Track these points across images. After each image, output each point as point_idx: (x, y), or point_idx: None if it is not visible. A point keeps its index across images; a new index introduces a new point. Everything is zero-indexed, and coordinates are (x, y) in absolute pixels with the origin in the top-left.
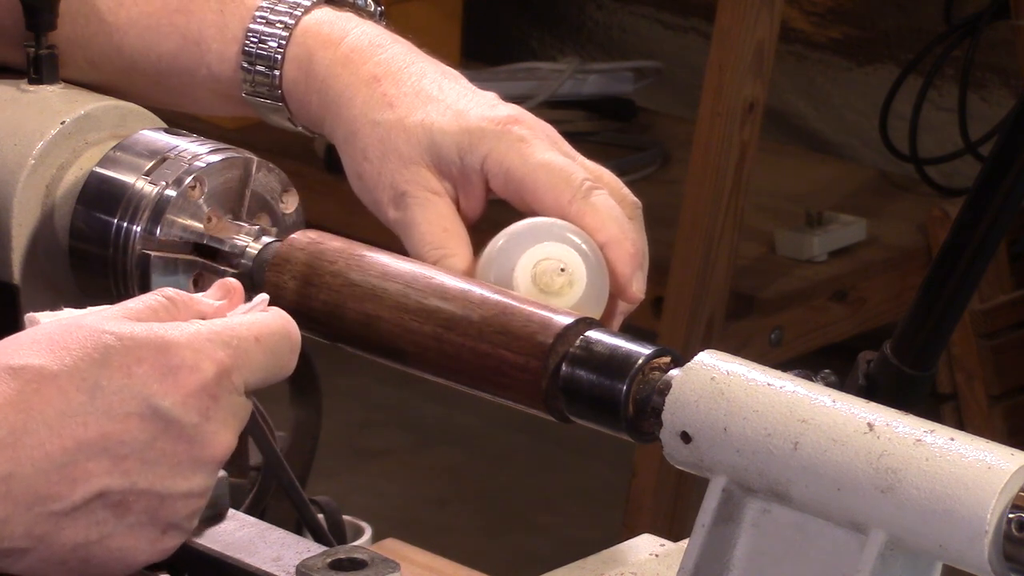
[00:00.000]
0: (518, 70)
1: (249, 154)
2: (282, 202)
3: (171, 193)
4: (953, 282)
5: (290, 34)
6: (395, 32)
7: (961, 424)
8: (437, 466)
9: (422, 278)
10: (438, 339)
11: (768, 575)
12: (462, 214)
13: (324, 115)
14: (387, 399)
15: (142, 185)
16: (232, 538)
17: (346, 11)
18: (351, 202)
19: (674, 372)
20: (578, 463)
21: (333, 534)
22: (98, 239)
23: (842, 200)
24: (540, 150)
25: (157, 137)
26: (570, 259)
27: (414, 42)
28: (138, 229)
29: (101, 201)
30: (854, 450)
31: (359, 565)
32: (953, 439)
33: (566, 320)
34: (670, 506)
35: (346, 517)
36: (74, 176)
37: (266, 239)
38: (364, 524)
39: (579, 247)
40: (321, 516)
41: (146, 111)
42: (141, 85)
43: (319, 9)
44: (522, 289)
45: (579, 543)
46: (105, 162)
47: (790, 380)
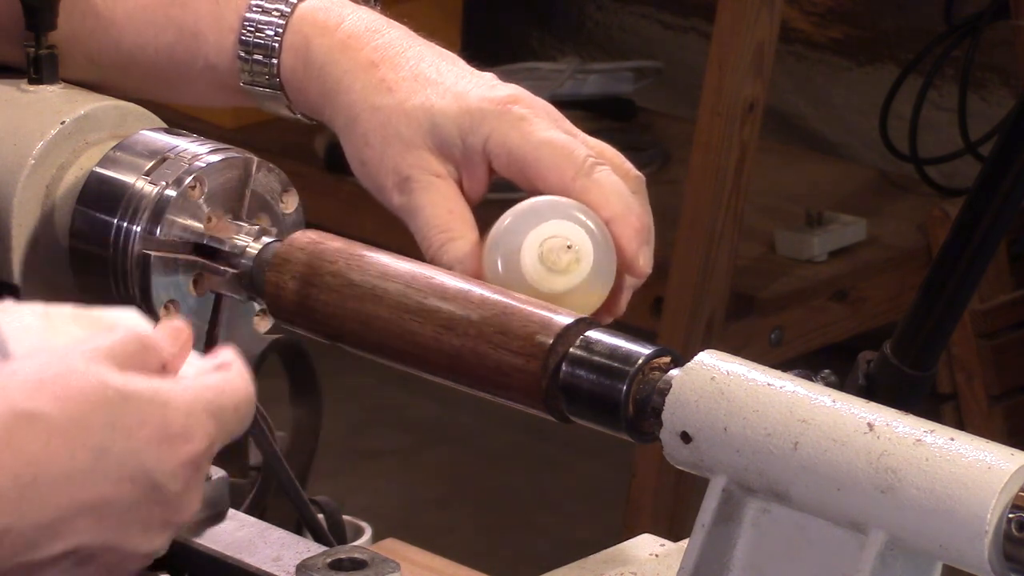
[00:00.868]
0: (518, 70)
1: (249, 154)
2: (282, 202)
3: (171, 193)
4: (953, 282)
5: (286, 22)
6: (393, 20)
7: (961, 424)
8: (437, 466)
9: (422, 278)
10: (438, 339)
11: (768, 575)
12: (466, 195)
13: (323, 102)
14: (387, 399)
15: (142, 185)
16: (232, 538)
17: None
18: (351, 202)
19: (674, 372)
20: (578, 463)
21: (333, 534)
22: (98, 239)
23: (842, 200)
24: (542, 128)
25: (157, 137)
26: (576, 236)
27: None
28: (138, 229)
29: (101, 201)
30: (854, 450)
31: (359, 565)
32: (953, 439)
33: (566, 320)
34: (670, 506)
35: (346, 517)
36: (74, 176)
37: (266, 239)
38: (364, 524)
39: (585, 224)
40: (321, 516)
41: (146, 111)
42: (140, 79)
43: None
44: (529, 267)
45: (579, 543)
46: (105, 162)
47: (790, 380)
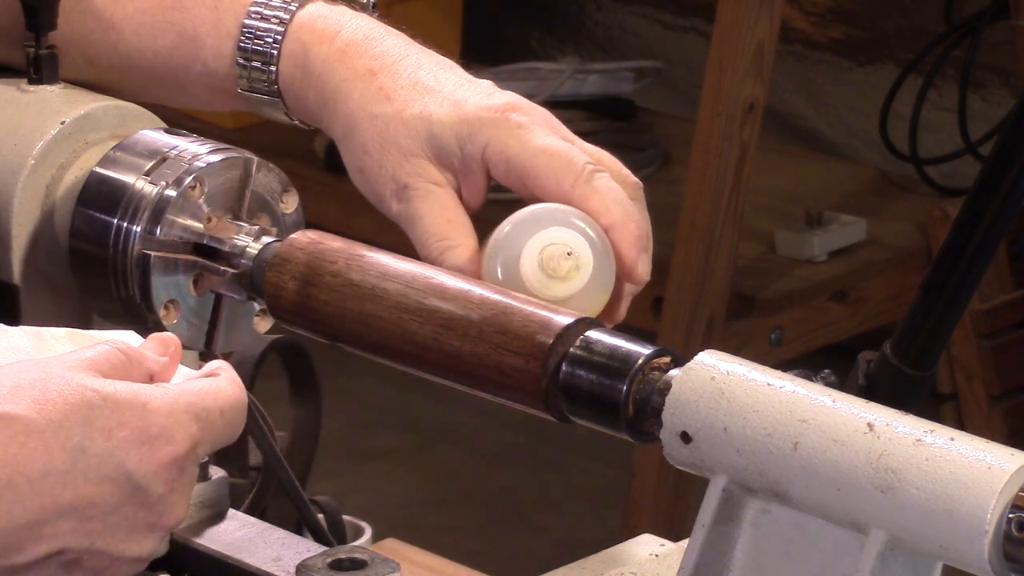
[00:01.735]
0: (518, 70)
1: (249, 154)
2: (282, 202)
3: (171, 193)
4: (953, 282)
5: (285, 29)
6: (391, 27)
7: (961, 424)
8: (437, 466)
9: (422, 278)
10: (438, 339)
11: (768, 575)
12: (464, 204)
13: (321, 110)
14: (387, 399)
15: (142, 185)
16: (232, 538)
17: (339, 4)
18: (351, 202)
19: (674, 372)
20: (578, 463)
21: (333, 534)
22: (98, 239)
23: (842, 200)
24: (539, 136)
25: (157, 137)
26: (576, 243)
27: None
28: (138, 229)
29: (101, 201)
30: (854, 450)
31: (359, 565)
32: (953, 439)
33: (566, 320)
34: (670, 506)
35: (346, 517)
36: (74, 176)
37: (266, 239)
38: (364, 524)
39: (584, 231)
40: (321, 516)
41: (146, 111)
42: (138, 82)
43: (313, 3)
44: (529, 275)
45: (579, 543)
46: (105, 162)
47: (790, 380)
